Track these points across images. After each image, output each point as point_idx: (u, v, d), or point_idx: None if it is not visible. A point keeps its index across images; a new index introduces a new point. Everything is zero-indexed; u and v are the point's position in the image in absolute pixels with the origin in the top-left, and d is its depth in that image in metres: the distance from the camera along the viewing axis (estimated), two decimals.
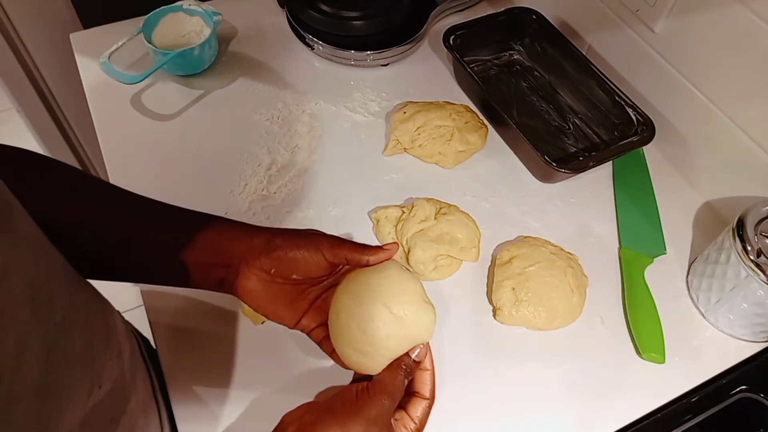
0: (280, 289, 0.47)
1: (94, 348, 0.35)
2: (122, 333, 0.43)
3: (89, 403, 0.33)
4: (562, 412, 0.57)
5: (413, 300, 0.46)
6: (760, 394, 0.59)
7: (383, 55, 0.84)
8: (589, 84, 0.79)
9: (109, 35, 0.83)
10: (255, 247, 0.46)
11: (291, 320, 0.48)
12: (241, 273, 0.46)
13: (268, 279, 0.46)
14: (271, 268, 0.46)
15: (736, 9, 0.62)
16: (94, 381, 0.34)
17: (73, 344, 0.32)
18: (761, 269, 0.55)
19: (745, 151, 0.66)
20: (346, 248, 0.47)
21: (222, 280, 0.46)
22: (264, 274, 0.46)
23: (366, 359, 0.45)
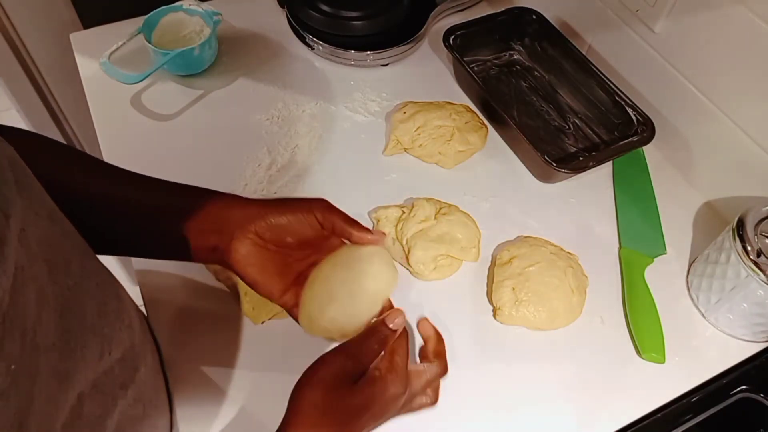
0: (271, 257, 0.48)
1: (105, 316, 0.36)
2: (131, 307, 0.44)
3: (100, 367, 0.34)
4: (562, 411, 0.57)
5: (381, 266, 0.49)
6: (760, 394, 0.59)
7: (383, 55, 0.84)
8: (589, 84, 0.79)
9: (109, 35, 0.83)
10: (250, 213, 0.47)
11: (278, 290, 0.49)
12: (236, 237, 0.46)
13: (261, 245, 0.47)
14: (266, 233, 0.47)
15: (736, 9, 0.62)
16: (105, 347, 0.35)
17: (86, 310, 0.33)
18: (761, 269, 0.55)
19: (745, 151, 0.66)
20: (337, 214, 0.48)
21: (215, 247, 0.47)
22: (258, 240, 0.47)
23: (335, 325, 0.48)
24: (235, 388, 0.56)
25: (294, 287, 0.50)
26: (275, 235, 0.47)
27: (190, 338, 0.59)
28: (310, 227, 0.48)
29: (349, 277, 0.48)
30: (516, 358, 0.60)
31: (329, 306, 0.48)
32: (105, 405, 0.35)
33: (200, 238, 0.47)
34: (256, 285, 0.48)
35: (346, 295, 0.48)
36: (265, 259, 0.48)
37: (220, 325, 0.60)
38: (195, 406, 0.55)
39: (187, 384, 0.56)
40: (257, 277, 0.48)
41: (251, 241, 0.47)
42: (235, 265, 0.47)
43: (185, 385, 0.56)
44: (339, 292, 0.48)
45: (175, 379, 0.56)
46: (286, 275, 0.49)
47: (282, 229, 0.47)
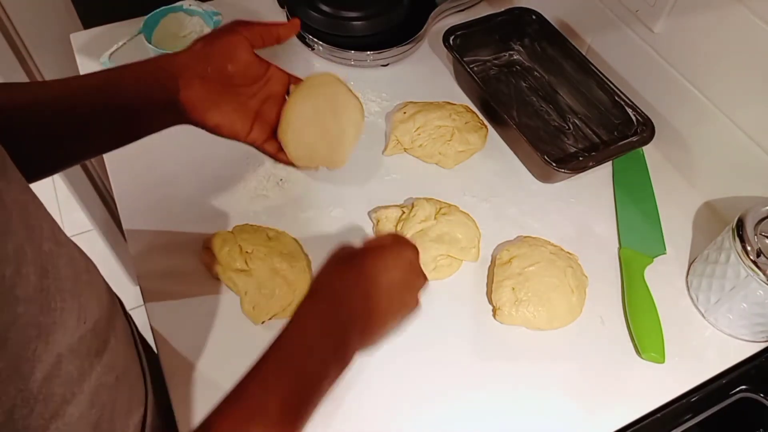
0: (223, 96, 0.50)
1: (79, 284, 0.37)
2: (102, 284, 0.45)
3: (76, 333, 0.36)
4: (562, 411, 0.57)
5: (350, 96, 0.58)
6: (760, 394, 0.59)
7: (383, 55, 0.84)
8: (588, 84, 0.79)
9: (109, 35, 0.83)
10: (182, 59, 0.48)
11: (243, 127, 0.51)
12: (182, 86, 0.48)
13: (208, 86, 0.48)
14: (206, 68, 0.48)
15: (736, 9, 0.62)
16: (81, 313, 0.37)
17: (62, 274, 0.34)
18: (761, 269, 0.55)
19: (745, 151, 0.66)
20: (257, 23, 0.52)
21: (166, 103, 0.48)
22: (203, 81, 0.48)
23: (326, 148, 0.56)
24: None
25: (258, 124, 0.52)
26: (215, 68, 0.49)
27: (189, 338, 0.59)
28: (241, 48, 0.50)
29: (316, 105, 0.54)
30: (516, 358, 0.60)
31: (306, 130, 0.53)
32: (82, 368, 0.36)
33: (148, 100, 0.47)
34: (220, 128, 0.50)
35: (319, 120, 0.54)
36: (218, 99, 0.49)
37: (220, 325, 0.60)
38: (195, 405, 0.55)
39: (186, 384, 0.56)
40: (218, 119, 0.49)
41: (198, 84, 0.48)
42: (193, 112, 0.48)
43: (185, 384, 0.56)
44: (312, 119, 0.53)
45: (175, 380, 0.56)
46: (245, 113, 0.51)
47: (217, 58, 0.49)
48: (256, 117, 0.52)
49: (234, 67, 0.49)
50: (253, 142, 0.53)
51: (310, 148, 0.54)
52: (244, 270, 0.61)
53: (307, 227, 0.68)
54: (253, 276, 0.61)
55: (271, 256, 0.62)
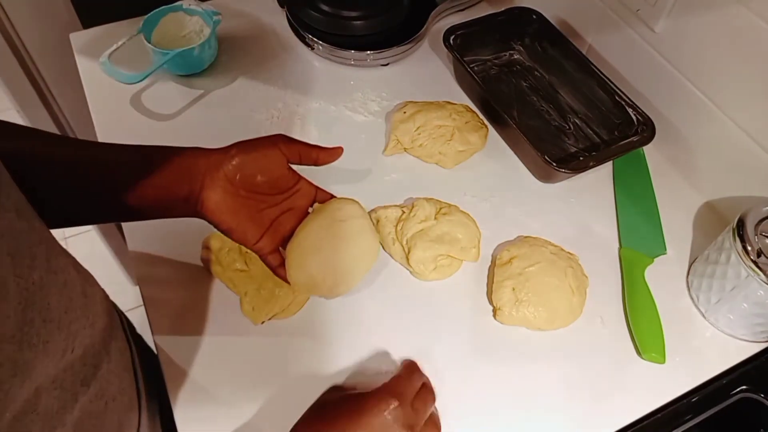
0: (243, 203, 0.49)
1: (72, 312, 0.36)
2: (100, 305, 0.44)
3: (62, 363, 0.35)
4: (562, 412, 0.57)
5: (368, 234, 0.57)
6: (760, 394, 0.59)
7: (383, 55, 0.84)
8: (589, 84, 0.79)
9: (109, 35, 0.83)
10: (215, 159, 0.48)
11: (254, 236, 0.51)
12: (206, 186, 0.48)
13: (232, 191, 0.48)
14: (236, 174, 0.48)
15: (736, 9, 0.62)
16: (68, 344, 0.35)
17: (52, 305, 0.33)
18: (761, 269, 0.55)
19: (745, 151, 0.66)
20: (299, 143, 0.51)
21: (187, 198, 0.48)
22: (228, 185, 0.48)
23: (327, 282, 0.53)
24: (234, 388, 0.56)
25: (269, 234, 0.52)
26: (245, 176, 0.48)
27: (189, 338, 0.59)
28: (277, 161, 0.49)
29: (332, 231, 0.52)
30: (516, 358, 0.60)
31: (313, 257, 0.51)
32: (64, 400, 0.35)
33: (171, 190, 0.47)
34: (231, 232, 0.50)
35: (329, 249, 0.52)
36: (237, 204, 0.49)
37: (220, 325, 0.60)
38: (194, 406, 0.55)
39: (186, 384, 0.56)
40: (231, 224, 0.49)
41: (222, 188, 0.48)
42: (209, 213, 0.48)
43: (185, 384, 0.56)
44: (323, 245, 0.52)
45: (175, 380, 0.56)
46: (260, 221, 0.51)
47: (250, 167, 0.48)
48: (269, 227, 0.52)
49: (263, 179, 0.49)
50: (257, 251, 0.52)
51: (311, 277, 0.53)
52: (244, 270, 0.61)
53: None
54: (253, 276, 0.61)
55: None
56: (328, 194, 0.57)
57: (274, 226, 0.52)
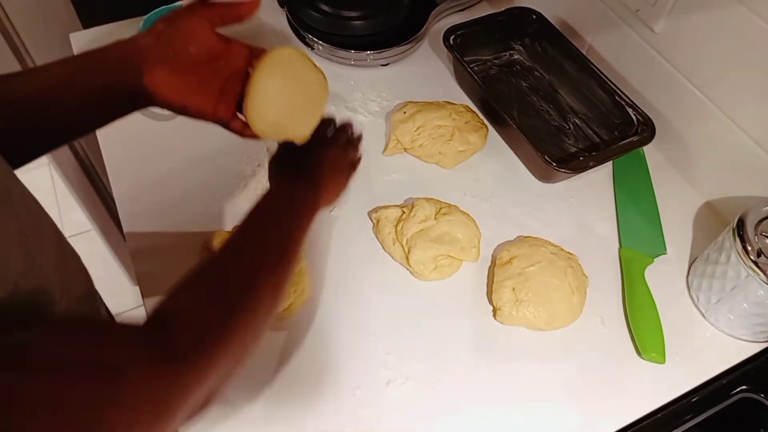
0: (187, 78, 0.50)
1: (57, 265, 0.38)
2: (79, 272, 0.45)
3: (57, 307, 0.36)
4: (562, 412, 0.57)
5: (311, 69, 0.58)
6: (760, 394, 0.59)
7: (383, 55, 0.84)
8: (589, 84, 0.79)
9: (109, 35, 0.83)
10: (144, 43, 0.48)
11: (209, 106, 0.52)
12: (145, 72, 0.48)
13: (170, 68, 0.49)
14: (167, 51, 0.48)
15: (736, 9, 0.62)
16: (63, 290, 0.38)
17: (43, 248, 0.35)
18: (761, 269, 0.55)
19: (745, 151, 0.66)
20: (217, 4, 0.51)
21: (132, 90, 0.48)
22: (165, 65, 0.48)
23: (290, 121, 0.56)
24: (234, 388, 0.56)
25: (223, 102, 0.53)
26: (176, 50, 0.49)
27: None
28: (201, 28, 0.50)
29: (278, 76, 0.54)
30: (516, 358, 0.60)
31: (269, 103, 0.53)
32: None
33: (114, 88, 0.48)
34: (187, 108, 0.50)
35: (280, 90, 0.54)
36: (181, 81, 0.49)
37: None
38: None
39: None
40: (185, 100, 0.50)
41: (161, 69, 0.48)
42: (159, 95, 0.49)
43: None
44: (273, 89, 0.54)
45: None
46: (209, 91, 0.52)
47: (179, 40, 0.49)
48: (220, 95, 0.53)
49: (195, 47, 0.50)
50: (219, 120, 0.53)
51: (274, 124, 0.55)
52: None
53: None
54: None
55: None
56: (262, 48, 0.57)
57: (224, 94, 0.53)
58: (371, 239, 0.68)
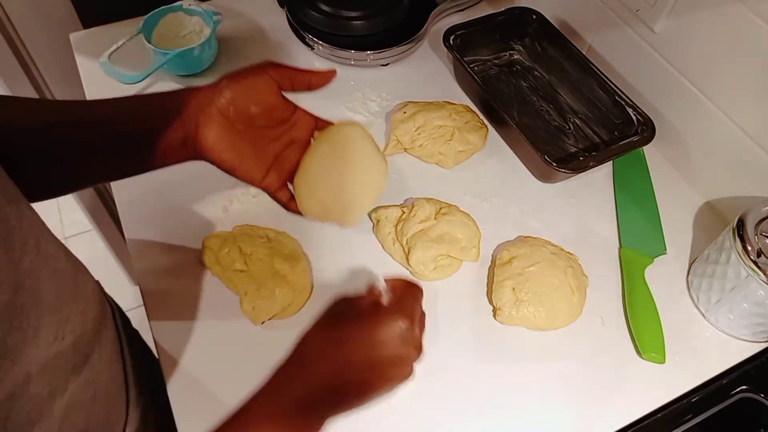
0: (242, 138, 0.47)
1: (62, 298, 0.36)
2: (91, 295, 0.43)
3: (52, 350, 0.34)
4: (562, 412, 0.57)
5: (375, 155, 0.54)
6: (760, 394, 0.59)
7: (383, 55, 0.84)
8: (589, 84, 0.79)
9: (109, 35, 0.83)
10: (205, 95, 0.46)
11: (259, 172, 0.49)
12: (201, 124, 0.45)
13: (229, 126, 0.46)
14: (229, 107, 0.46)
15: (736, 9, 0.62)
16: (59, 330, 0.35)
17: (42, 289, 0.33)
18: (761, 269, 0.55)
19: (745, 151, 0.66)
20: (288, 67, 0.49)
21: (184, 141, 0.46)
22: (224, 120, 0.46)
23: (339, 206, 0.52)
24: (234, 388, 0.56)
25: (275, 170, 0.50)
26: (238, 108, 0.46)
27: (190, 338, 0.59)
28: (268, 89, 0.47)
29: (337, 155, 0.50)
30: (516, 358, 0.60)
31: (321, 183, 0.50)
32: (54, 386, 0.35)
33: (165, 136, 0.45)
34: (234, 170, 0.47)
35: (336, 173, 0.50)
36: (236, 140, 0.47)
37: (219, 325, 0.60)
38: (194, 405, 0.55)
39: (186, 383, 0.56)
40: (234, 161, 0.47)
41: (218, 124, 0.46)
42: (208, 152, 0.46)
43: (184, 384, 0.56)
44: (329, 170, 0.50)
45: (174, 379, 0.56)
46: (263, 157, 0.49)
47: (242, 98, 0.46)
48: (273, 162, 0.50)
49: (258, 109, 0.47)
50: (266, 188, 0.50)
51: (323, 204, 0.51)
52: (244, 270, 0.61)
53: (306, 227, 0.67)
54: (253, 276, 0.61)
55: (270, 256, 0.62)
56: (328, 121, 0.54)
57: (278, 161, 0.50)
58: (371, 239, 0.68)
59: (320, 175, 0.50)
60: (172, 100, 0.46)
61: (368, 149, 0.53)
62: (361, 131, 0.53)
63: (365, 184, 0.53)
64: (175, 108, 0.46)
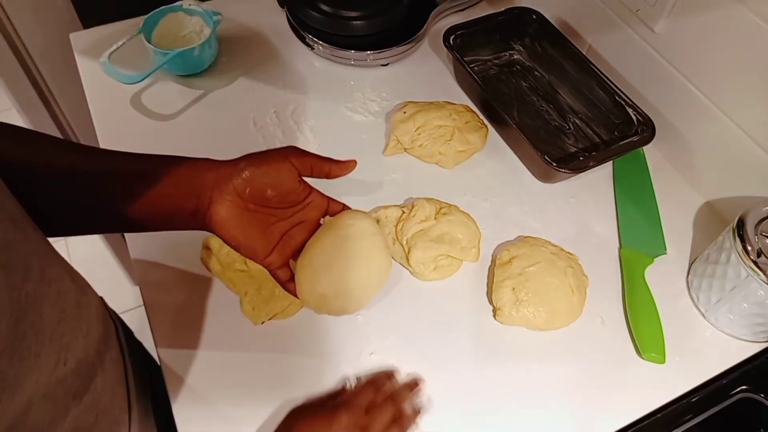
0: (253, 217, 0.48)
1: (65, 323, 0.36)
2: (95, 315, 0.43)
3: (53, 376, 0.34)
4: (562, 412, 0.57)
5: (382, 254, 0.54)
6: (760, 394, 0.59)
7: (383, 55, 0.84)
8: (589, 84, 0.79)
9: (109, 35, 0.83)
10: (224, 172, 0.46)
11: (263, 251, 0.49)
12: (214, 200, 0.46)
13: (241, 205, 0.47)
14: (245, 188, 0.46)
15: (736, 9, 0.62)
16: (62, 355, 0.35)
17: (44, 317, 0.32)
18: (761, 269, 0.55)
19: (745, 151, 0.66)
20: (311, 155, 0.49)
21: (195, 212, 0.46)
22: (238, 200, 0.46)
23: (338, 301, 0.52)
24: (234, 389, 0.56)
25: (279, 248, 0.50)
26: (254, 190, 0.47)
27: (190, 338, 0.59)
28: (288, 175, 0.48)
29: (344, 250, 0.50)
30: (516, 358, 0.60)
31: (324, 275, 0.50)
32: (55, 414, 0.34)
33: (178, 202, 0.46)
34: (239, 247, 0.48)
35: (341, 268, 0.50)
36: (247, 219, 0.47)
37: (220, 325, 0.60)
38: (194, 406, 0.55)
39: (186, 384, 0.56)
40: (240, 239, 0.47)
41: (231, 202, 0.46)
42: (217, 228, 0.47)
43: (185, 384, 0.56)
44: (334, 264, 0.50)
45: (175, 379, 0.56)
46: (270, 235, 0.49)
47: (260, 182, 0.47)
48: (279, 241, 0.50)
49: (273, 193, 0.48)
50: (267, 266, 0.50)
51: (321, 296, 0.51)
52: (244, 270, 0.61)
53: None
54: (253, 276, 0.61)
55: None
56: (339, 205, 0.55)
57: (284, 240, 0.51)
58: None
59: (324, 269, 0.50)
60: (191, 170, 0.47)
61: (375, 245, 0.53)
62: (370, 226, 0.53)
63: (366, 282, 0.53)
64: (194, 179, 0.46)
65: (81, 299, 0.40)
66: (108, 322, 0.48)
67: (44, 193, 0.42)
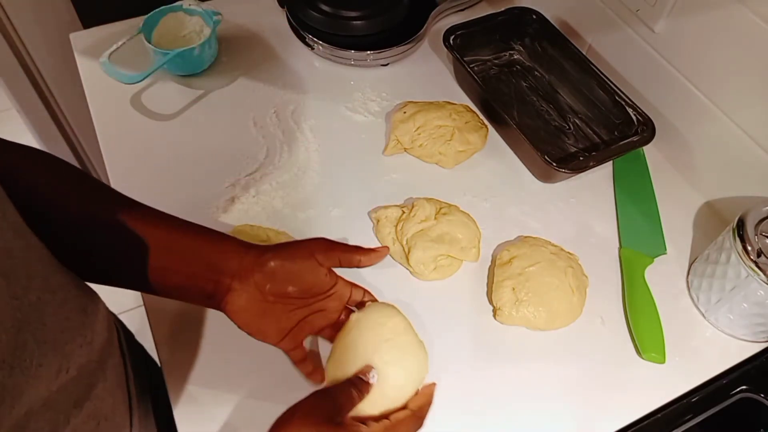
0: (269, 308, 0.47)
1: (68, 331, 0.35)
2: (99, 322, 0.42)
3: (55, 385, 0.33)
4: (562, 412, 0.57)
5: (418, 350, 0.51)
6: (760, 394, 0.59)
7: (383, 55, 0.84)
8: (589, 84, 0.79)
9: (109, 35, 0.83)
10: (248, 263, 0.45)
11: (275, 337, 0.48)
12: (233, 289, 0.45)
13: (259, 298, 0.46)
14: (266, 284, 0.45)
15: (736, 9, 0.62)
16: (63, 364, 0.34)
17: (47, 326, 0.32)
18: (761, 269, 0.55)
19: (745, 151, 0.66)
20: (338, 249, 0.48)
21: (211, 295, 0.46)
22: (257, 293, 0.45)
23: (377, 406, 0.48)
24: (234, 390, 0.56)
25: (293, 334, 0.49)
26: (276, 286, 0.46)
27: (190, 339, 0.59)
28: (311, 272, 0.47)
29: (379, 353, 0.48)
30: (516, 358, 0.60)
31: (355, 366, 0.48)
32: (55, 423, 0.34)
33: (197, 282, 0.45)
34: (252, 333, 0.47)
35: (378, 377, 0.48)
36: (262, 310, 0.46)
37: (220, 326, 0.60)
38: (194, 406, 0.55)
39: (186, 385, 0.56)
40: (252, 327, 0.47)
41: (249, 293, 0.45)
42: (231, 315, 0.46)
43: (185, 385, 0.56)
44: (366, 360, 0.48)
45: (175, 380, 0.56)
46: (285, 323, 0.48)
47: (282, 279, 0.46)
48: (294, 327, 0.49)
49: (294, 289, 0.47)
50: (281, 348, 0.49)
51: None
52: None
53: (307, 227, 0.68)
54: None
55: None
56: (360, 293, 0.53)
57: (300, 326, 0.49)
58: (371, 239, 0.68)
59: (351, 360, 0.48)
60: (215, 252, 0.46)
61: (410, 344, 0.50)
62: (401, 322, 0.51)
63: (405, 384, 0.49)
64: (217, 263, 0.45)
65: (88, 306, 0.40)
66: (112, 330, 0.47)
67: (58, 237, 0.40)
